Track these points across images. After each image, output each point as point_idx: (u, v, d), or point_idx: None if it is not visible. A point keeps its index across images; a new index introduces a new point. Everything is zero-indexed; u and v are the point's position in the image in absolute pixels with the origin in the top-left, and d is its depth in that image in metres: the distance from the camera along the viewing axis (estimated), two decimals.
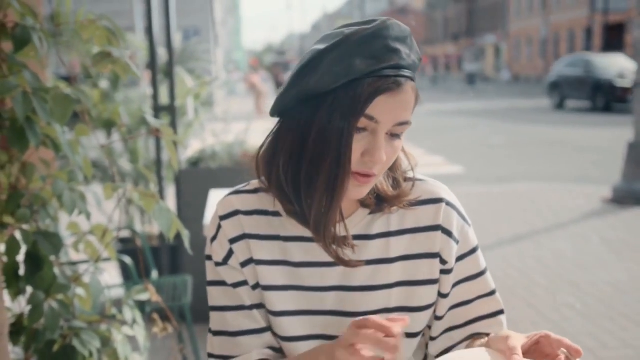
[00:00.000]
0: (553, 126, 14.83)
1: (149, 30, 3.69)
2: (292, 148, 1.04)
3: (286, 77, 1.18)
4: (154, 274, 3.04)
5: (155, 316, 1.81)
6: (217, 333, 1.16)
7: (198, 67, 4.57)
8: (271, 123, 1.11)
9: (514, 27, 51.16)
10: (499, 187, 7.96)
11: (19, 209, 1.62)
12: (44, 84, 1.64)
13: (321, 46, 1.01)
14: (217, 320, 1.16)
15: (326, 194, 1.02)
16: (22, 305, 1.94)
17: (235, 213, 1.14)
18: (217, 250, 1.14)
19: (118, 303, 2.11)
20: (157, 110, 3.73)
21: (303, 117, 1.02)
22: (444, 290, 1.16)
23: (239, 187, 1.19)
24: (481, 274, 1.17)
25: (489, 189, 7.82)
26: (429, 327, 1.21)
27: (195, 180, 3.72)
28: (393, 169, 1.14)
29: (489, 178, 8.72)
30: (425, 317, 1.16)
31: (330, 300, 1.13)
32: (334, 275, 1.13)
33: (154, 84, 3.73)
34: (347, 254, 1.10)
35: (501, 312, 1.18)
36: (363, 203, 1.13)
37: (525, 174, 9.03)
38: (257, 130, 4.40)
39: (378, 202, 1.13)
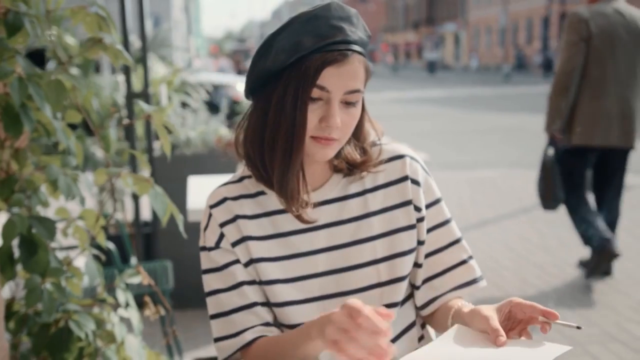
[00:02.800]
0: (515, 113, 15.10)
1: (121, 16, 3.66)
2: (256, 121, 1.18)
3: (247, 64, 1.30)
4: (133, 260, 3.05)
5: (147, 299, 1.84)
6: (214, 316, 1.24)
7: (168, 54, 4.55)
8: None
9: (473, 15, 51.69)
10: (463, 173, 8.11)
11: (13, 194, 1.64)
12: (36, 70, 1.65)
13: (272, 31, 1.15)
14: (212, 304, 1.24)
15: (285, 155, 1.14)
16: (10, 290, 1.95)
17: (223, 200, 1.25)
18: (210, 237, 1.24)
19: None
20: (130, 97, 3.71)
21: (264, 94, 1.16)
22: (421, 237, 1.28)
23: (226, 180, 1.30)
24: (448, 221, 1.31)
25: (454, 175, 7.96)
26: (413, 285, 1.30)
27: (170, 167, 3.72)
28: (360, 139, 1.26)
29: (454, 164, 8.87)
30: (409, 261, 1.27)
31: (321, 262, 1.23)
32: (322, 238, 1.23)
33: (127, 71, 3.72)
34: (308, 213, 1.22)
35: (470, 257, 1.31)
36: (336, 169, 1.25)
37: (488, 160, 9.20)
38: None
39: (349, 168, 1.25)
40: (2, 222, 1.70)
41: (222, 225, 1.22)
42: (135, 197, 3.79)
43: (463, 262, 1.29)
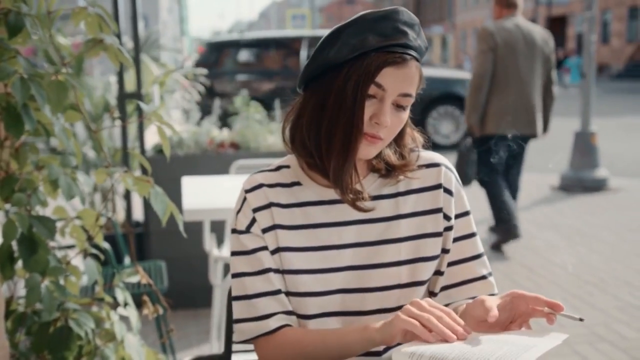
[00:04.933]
0: None
1: (115, 16, 3.67)
2: (314, 111, 1.20)
3: None
4: (127, 260, 3.06)
5: (146, 298, 1.85)
6: (237, 298, 1.26)
7: (161, 55, 4.55)
8: None
9: (460, 18, 51.92)
10: None
11: (14, 194, 1.65)
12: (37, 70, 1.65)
13: (341, 24, 1.17)
14: (237, 287, 1.26)
15: (343, 148, 1.17)
16: (9, 290, 1.96)
17: (260, 186, 1.27)
18: (241, 220, 1.26)
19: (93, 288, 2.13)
20: (123, 97, 3.71)
21: (324, 85, 1.18)
22: (447, 246, 1.30)
23: (263, 168, 1.32)
24: (474, 234, 1.32)
25: None
26: (431, 292, 1.32)
27: (163, 167, 3.72)
28: (400, 144, 1.28)
29: None
30: (431, 267, 1.29)
31: (347, 257, 1.25)
32: (351, 233, 1.26)
33: (120, 72, 3.72)
34: (364, 203, 1.24)
35: (490, 274, 1.32)
36: (373, 168, 1.28)
37: None
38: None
39: (386, 170, 1.27)
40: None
41: (256, 210, 1.25)
42: (127, 198, 3.79)
43: (483, 277, 1.31)
